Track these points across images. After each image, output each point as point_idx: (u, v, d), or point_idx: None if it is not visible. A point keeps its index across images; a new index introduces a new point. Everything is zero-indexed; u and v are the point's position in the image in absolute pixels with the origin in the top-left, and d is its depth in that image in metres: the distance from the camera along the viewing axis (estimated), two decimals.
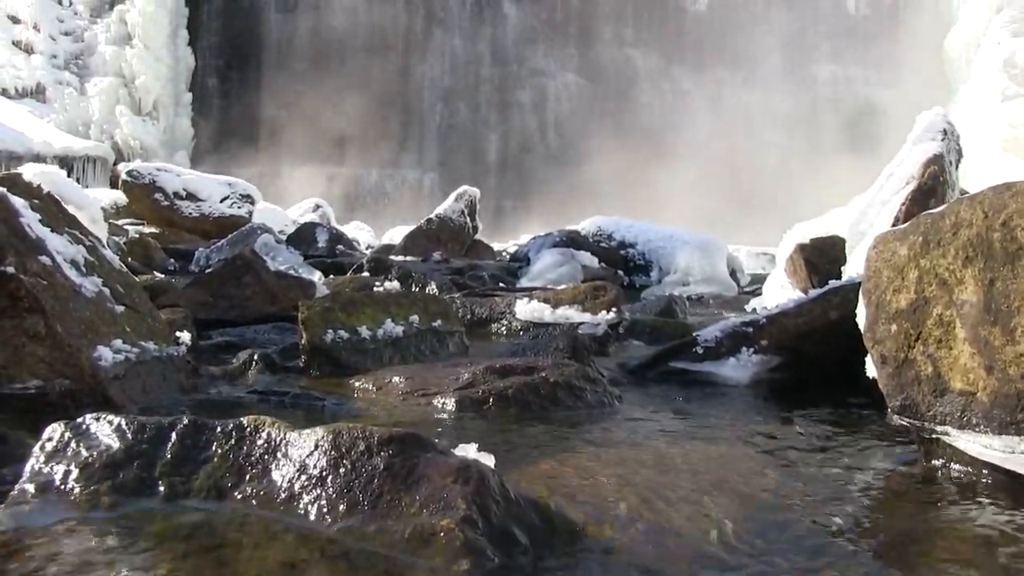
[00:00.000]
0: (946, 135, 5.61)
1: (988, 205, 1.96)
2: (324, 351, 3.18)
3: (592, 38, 28.27)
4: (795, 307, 3.49)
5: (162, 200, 12.79)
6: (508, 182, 26.11)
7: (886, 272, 2.13)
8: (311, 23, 28.46)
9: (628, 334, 4.42)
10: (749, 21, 27.82)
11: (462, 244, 10.94)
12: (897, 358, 2.08)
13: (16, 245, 2.52)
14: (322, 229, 10.91)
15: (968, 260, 1.96)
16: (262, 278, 4.51)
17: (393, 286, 5.68)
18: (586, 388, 2.72)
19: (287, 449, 1.49)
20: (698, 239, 8.17)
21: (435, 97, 28.23)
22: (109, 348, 2.60)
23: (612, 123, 26.74)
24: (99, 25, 27.24)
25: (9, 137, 21.96)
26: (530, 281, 7.32)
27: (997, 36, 23.79)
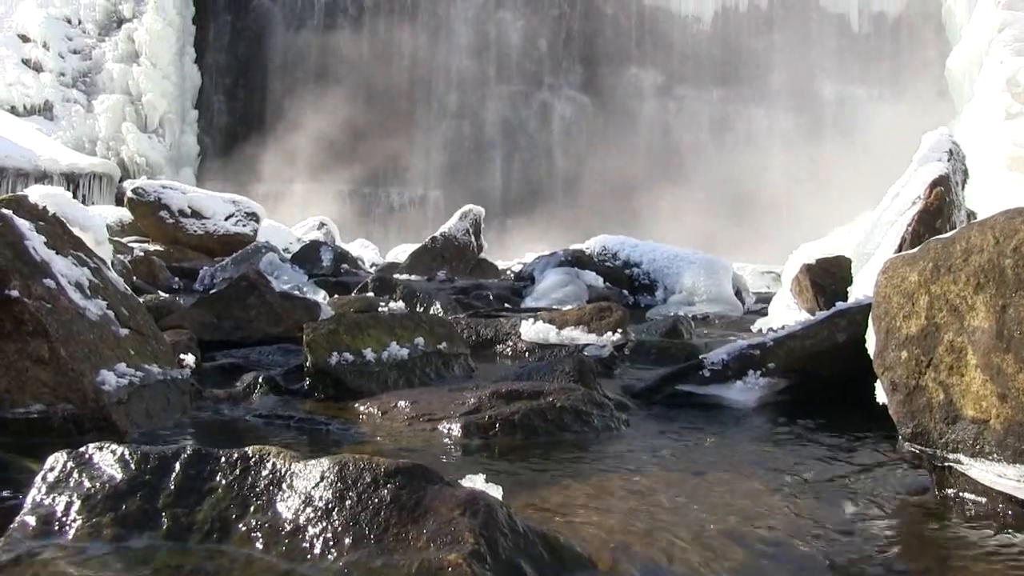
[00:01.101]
0: (952, 155, 5.60)
1: (999, 231, 1.94)
2: (329, 374, 3.16)
3: (597, 57, 28.37)
4: (802, 329, 3.47)
5: (167, 218, 12.82)
6: (513, 201, 26.15)
7: (896, 298, 2.11)
8: (317, 42, 28.61)
9: (634, 355, 4.40)
10: (753, 40, 27.91)
11: (467, 263, 10.93)
12: (908, 385, 2.06)
13: (21, 268, 2.51)
14: (327, 248, 10.90)
15: (979, 286, 1.94)
16: (267, 299, 4.50)
17: (398, 306, 5.67)
18: (593, 413, 2.70)
19: (292, 480, 1.47)
20: (703, 259, 8.15)
21: (440, 116, 28.33)
22: (113, 372, 2.59)
23: (617, 142, 26.79)
24: (107, 43, 27.41)
25: (16, 154, 22.05)
26: (535, 300, 7.30)
27: (999, 55, 23.83)
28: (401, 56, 28.68)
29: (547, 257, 9.00)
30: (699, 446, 2.62)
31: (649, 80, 27.96)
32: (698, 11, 28.68)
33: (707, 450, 2.57)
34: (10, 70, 26.46)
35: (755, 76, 27.52)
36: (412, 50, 28.77)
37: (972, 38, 24.88)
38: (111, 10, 27.86)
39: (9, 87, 26.10)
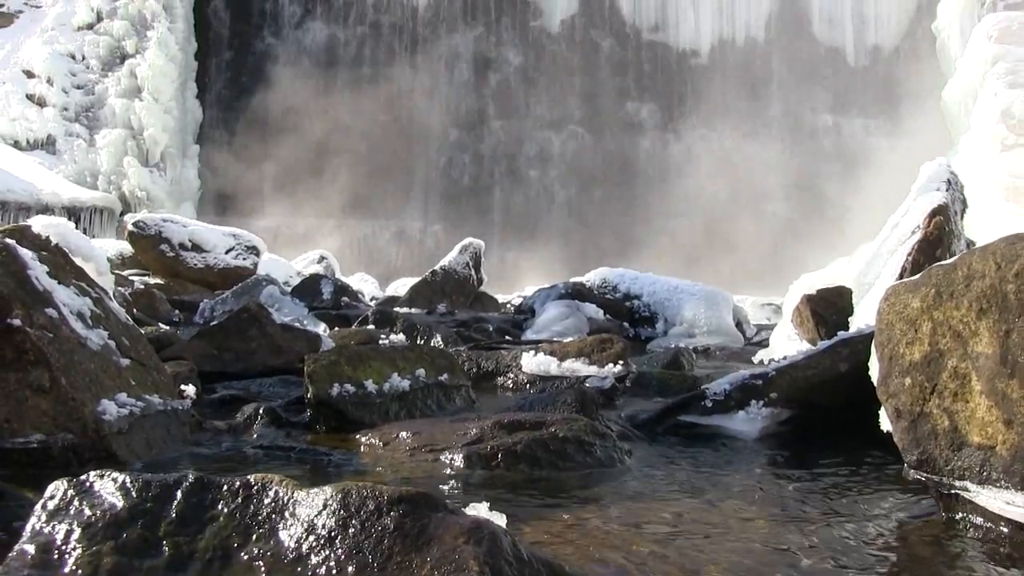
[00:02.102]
0: (950, 185, 5.62)
1: (1000, 256, 1.94)
2: (330, 405, 3.15)
3: (595, 91, 28.58)
4: (804, 359, 3.46)
5: (168, 251, 12.84)
6: (513, 234, 26.20)
7: (899, 325, 2.11)
8: (318, 77, 28.83)
9: (635, 387, 4.38)
10: (750, 73, 28.15)
11: (467, 296, 10.93)
12: (912, 412, 2.05)
13: (23, 298, 2.51)
14: (327, 281, 10.90)
15: (982, 312, 1.94)
16: (267, 331, 4.49)
17: (399, 339, 5.66)
18: (595, 443, 2.68)
19: (295, 508, 1.46)
20: (703, 290, 8.15)
21: (440, 150, 28.48)
22: (113, 402, 2.58)
23: (615, 175, 26.92)
24: (110, 79, 27.63)
25: (19, 188, 22.15)
26: (535, 333, 7.29)
27: (993, 88, 24.04)
28: (401, 91, 28.90)
29: (547, 290, 8.99)
30: (702, 476, 2.60)
31: (647, 113, 28.15)
32: (695, 44, 28.95)
33: (710, 480, 2.55)
34: (14, 105, 26.65)
35: (753, 108, 27.73)
36: (411, 85, 28.99)
37: (966, 71, 25.10)
38: (115, 46, 28.12)
39: (13, 122, 26.27)
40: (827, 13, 29.12)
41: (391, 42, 29.43)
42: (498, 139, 28.43)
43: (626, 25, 29.09)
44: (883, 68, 28.29)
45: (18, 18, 28.82)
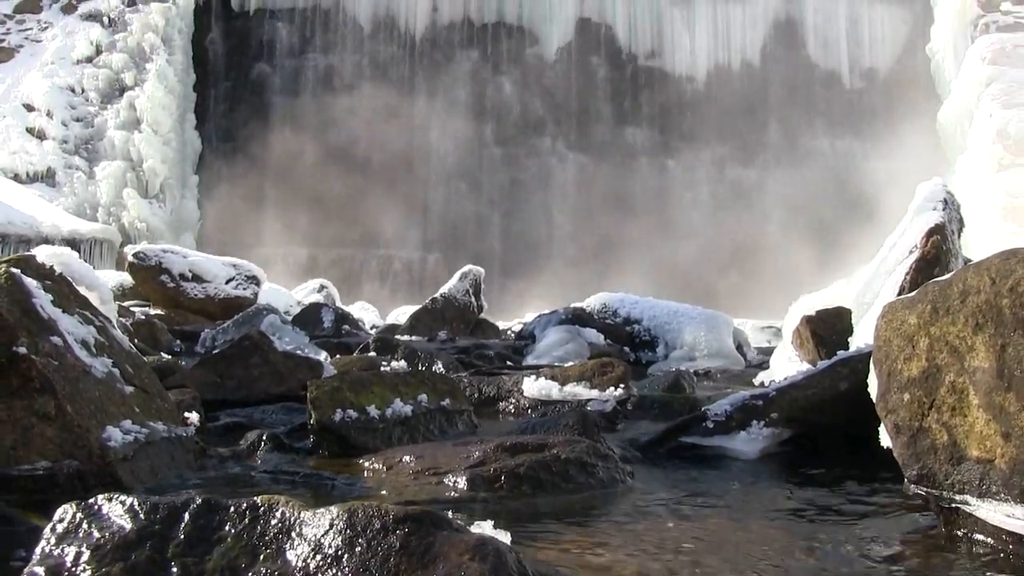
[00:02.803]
0: (947, 204, 5.65)
1: (995, 271, 1.97)
2: (333, 431, 3.16)
3: (593, 117, 28.76)
4: (804, 379, 3.48)
5: (168, 282, 12.86)
6: (512, 261, 26.26)
7: (896, 341, 2.13)
8: (316, 106, 29.02)
9: (637, 410, 4.39)
10: (746, 98, 28.34)
11: (467, 323, 10.94)
12: (911, 427, 2.07)
13: (28, 326, 2.54)
14: (327, 309, 10.92)
15: (978, 327, 1.96)
16: (269, 358, 4.51)
17: (400, 365, 5.67)
18: (598, 465, 2.69)
19: (301, 528, 1.48)
20: (703, 314, 8.16)
21: (439, 177, 28.61)
22: (118, 429, 2.59)
23: (614, 200, 27.02)
24: (109, 111, 27.81)
25: (19, 220, 22.24)
26: (536, 359, 7.30)
27: (989, 108, 24.22)
28: (399, 119, 29.07)
29: (547, 315, 9.01)
30: (705, 497, 2.62)
31: (645, 138, 28.32)
32: (692, 70, 29.15)
33: (712, 500, 2.56)
34: (14, 139, 26.81)
35: (750, 132, 27.89)
36: (410, 113, 29.17)
37: (961, 92, 25.30)
38: (114, 79, 28.32)
39: (13, 155, 26.42)
40: (822, 37, 29.37)
41: (389, 71, 29.65)
42: (496, 166, 28.57)
43: (622, 51, 29.33)
44: (879, 90, 28.49)
45: (19, 52, 29.06)
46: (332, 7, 30.12)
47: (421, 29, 29.88)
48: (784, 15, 29.70)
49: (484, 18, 29.86)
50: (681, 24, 29.48)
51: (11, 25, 29.47)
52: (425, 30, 29.89)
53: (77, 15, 29.40)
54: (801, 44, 29.36)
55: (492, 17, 29.74)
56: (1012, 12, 25.95)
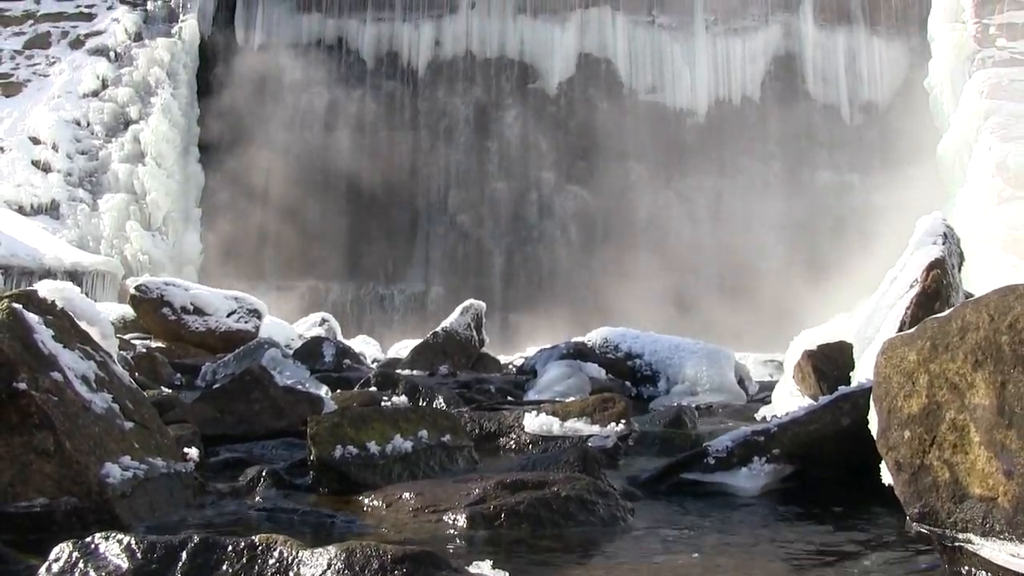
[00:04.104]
0: (946, 238, 5.66)
1: (993, 308, 1.97)
2: (333, 467, 3.15)
3: (594, 151, 28.91)
4: (805, 415, 3.47)
5: (169, 315, 12.85)
6: (514, 295, 26.27)
7: (896, 378, 2.12)
8: (319, 141, 29.21)
9: (638, 446, 4.37)
10: (746, 131, 28.52)
11: (469, 357, 10.91)
12: (912, 464, 2.06)
13: (29, 361, 2.54)
14: (328, 343, 10.91)
15: (978, 364, 1.96)
16: (270, 393, 4.50)
17: (401, 400, 5.66)
18: (598, 502, 2.68)
19: (299, 568, 1.47)
20: (705, 349, 8.14)
21: (441, 212, 28.69)
22: (117, 465, 2.59)
23: (616, 233, 27.09)
24: (113, 144, 27.99)
25: (22, 252, 22.31)
26: (537, 394, 7.28)
27: (987, 142, 24.38)
28: (401, 153, 29.24)
29: (549, 350, 8.99)
30: (706, 534, 2.60)
31: (646, 173, 28.44)
32: (692, 105, 29.34)
33: (714, 537, 2.54)
34: (20, 171, 26.98)
35: (750, 166, 28.02)
36: (412, 148, 29.34)
37: (960, 126, 25.45)
38: (119, 112, 28.54)
39: (18, 187, 26.57)
40: (821, 71, 29.60)
41: (391, 105, 29.87)
42: (498, 200, 28.68)
43: (623, 86, 29.55)
44: (878, 124, 28.66)
45: (26, 87, 29.33)
46: (335, 42, 30.41)
47: (423, 63, 30.14)
48: (783, 50, 29.96)
49: (486, 53, 30.12)
50: (681, 59, 29.73)
51: (20, 60, 29.78)
52: (427, 64, 30.15)
53: (84, 50, 29.71)
54: (801, 79, 29.59)
55: (494, 52, 30.01)
56: (1008, 48, 26.17)
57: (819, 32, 29.57)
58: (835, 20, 29.62)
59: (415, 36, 30.29)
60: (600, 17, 30.14)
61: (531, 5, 30.32)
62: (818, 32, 29.56)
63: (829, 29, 29.56)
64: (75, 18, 30.36)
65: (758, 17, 30.26)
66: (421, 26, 30.20)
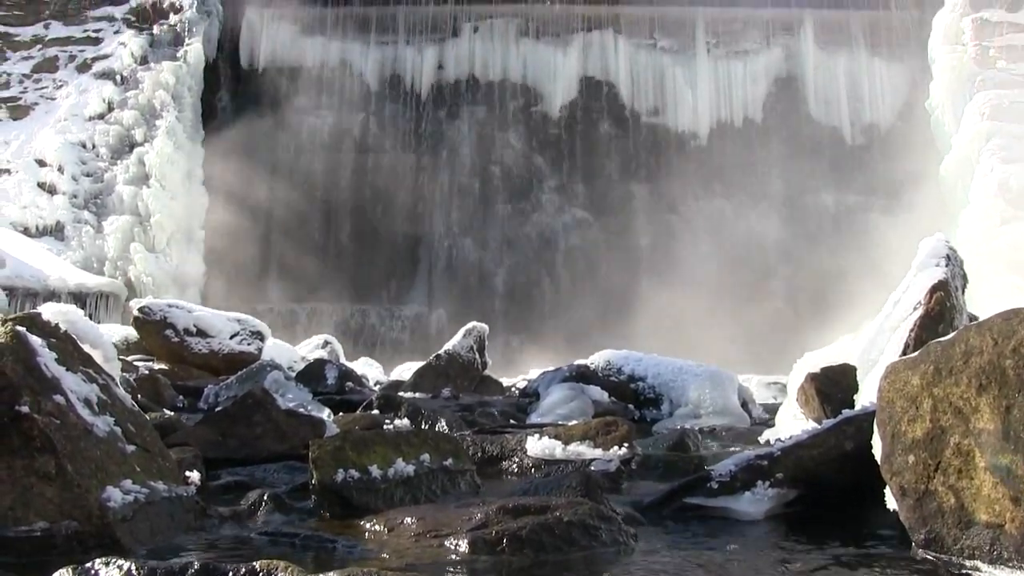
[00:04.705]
0: (950, 260, 5.66)
1: (997, 332, 1.96)
2: (335, 491, 3.14)
3: (597, 174, 28.96)
4: (809, 438, 3.46)
5: (172, 336, 12.85)
6: (516, 317, 26.24)
7: (899, 402, 2.12)
8: (322, 165, 29.32)
9: (641, 469, 4.35)
10: (749, 153, 28.59)
11: (471, 380, 10.88)
12: (917, 489, 2.05)
13: (32, 384, 2.54)
14: (331, 366, 10.89)
15: (982, 388, 1.95)
16: (272, 416, 4.49)
17: (403, 423, 5.64)
18: (601, 527, 2.67)
19: None
20: (708, 371, 8.12)
21: (443, 233, 28.73)
22: (118, 489, 2.58)
23: (618, 256, 27.09)
24: (119, 166, 28.10)
25: (27, 274, 22.33)
26: (540, 417, 7.25)
27: (989, 163, 24.42)
28: (404, 176, 29.31)
29: (551, 373, 8.97)
30: (710, 559, 2.58)
31: (649, 194, 28.49)
32: (694, 127, 29.42)
33: (718, 563, 2.53)
34: (26, 193, 27.09)
35: (753, 188, 28.05)
36: (415, 170, 29.42)
37: (962, 147, 25.50)
38: (124, 135, 28.67)
39: (24, 209, 26.66)
40: (823, 94, 29.69)
41: (395, 127, 29.98)
42: (501, 222, 28.73)
43: (625, 109, 29.65)
44: (880, 146, 28.69)
45: (33, 110, 29.52)
46: (339, 65, 30.57)
47: (427, 86, 30.29)
48: (785, 72, 30.07)
49: (489, 76, 30.26)
50: (683, 82, 29.84)
51: (28, 84, 30.00)
52: (431, 87, 30.30)
53: (91, 74, 29.90)
54: (802, 100, 29.67)
55: (497, 75, 30.14)
56: (1008, 70, 26.26)
57: (820, 54, 29.68)
58: (836, 42, 29.74)
59: (418, 59, 30.45)
60: (602, 40, 30.30)
61: (533, 29, 30.50)
62: (819, 54, 29.68)
63: (830, 51, 29.67)
64: (82, 42, 30.58)
65: (759, 40, 30.40)
66: (424, 50, 30.36)
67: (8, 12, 30.63)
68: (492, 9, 30.58)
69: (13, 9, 30.71)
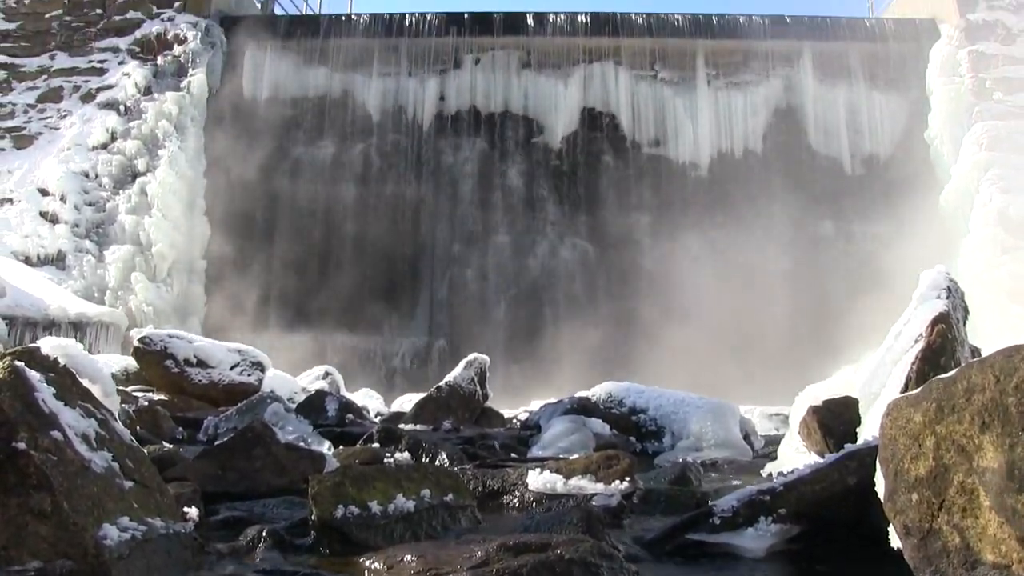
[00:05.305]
0: (950, 292, 5.67)
1: (999, 369, 1.95)
2: (334, 527, 3.12)
3: (598, 204, 29.03)
4: (811, 473, 3.44)
5: (173, 367, 12.81)
6: (518, 348, 26.17)
7: (902, 440, 2.10)
8: (323, 195, 29.41)
9: (643, 504, 4.32)
10: (750, 184, 28.64)
11: (472, 411, 10.83)
12: (921, 528, 2.03)
13: (30, 420, 2.53)
14: (331, 398, 10.85)
15: (985, 425, 1.94)
16: (272, 450, 4.47)
17: (404, 457, 5.62)
18: (602, 565, 2.64)
19: None
20: (710, 403, 8.09)
21: (444, 265, 28.76)
22: (115, 526, 2.56)
23: (620, 287, 27.07)
24: (121, 196, 28.18)
25: (27, 303, 22.30)
26: (541, 450, 7.22)
27: (988, 193, 24.52)
28: (406, 206, 29.38)
29: (553, 405, 8.94)
30: None
31: (650, 225, 28.53)
32: (695, 158, 29.52)
33: None
34: (28, 222, 27.14)
35: (753, 218, 28.08)
36: (416, 200, 29.50)
37: (961, 177, 25.63)
38: (127, 164, 28.79)
39: (25, 238, 26.71)
40: (822, 124, 29.80)
41: (396, 158, 30.10)
42: (502, 253, 28.76)
43: (626, 140, 29.77)
44: (879, 176, 28.75)
45: (37, 140, 29.70)
46: (341, 96, 30.76)
47: (428, 118, 30.44)
48: (785, 103, 30.23)
49: (490, 107, 30.42)
50: (684, 113, 30.00)
51: (33, 114, 30.21)
52: (432, 118, 30.46)
53: (95, 104, 30.09)
54: (802, 131, 29.79)
55: (499, 107, 30.30)
56: (1004, 101, 26.45)
57: (819, 86, 29.85)
58: (835, 74, 29.93)
59: (420, 91, 30.63)
60: (603, 72, 30.49)
61: (535, 60, 30.72)
62: (818, 86, 29.84)
63: (829, 83, 29.85)
64: (87, 73, 30.83)
65: (759, 71, 30.60)
66: (426, 81, 30.56)
67: (15, 44, 30.91)
68: (494, 41, 30.84)
69: (20, 40, 31.01)
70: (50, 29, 30.89)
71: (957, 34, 27.39)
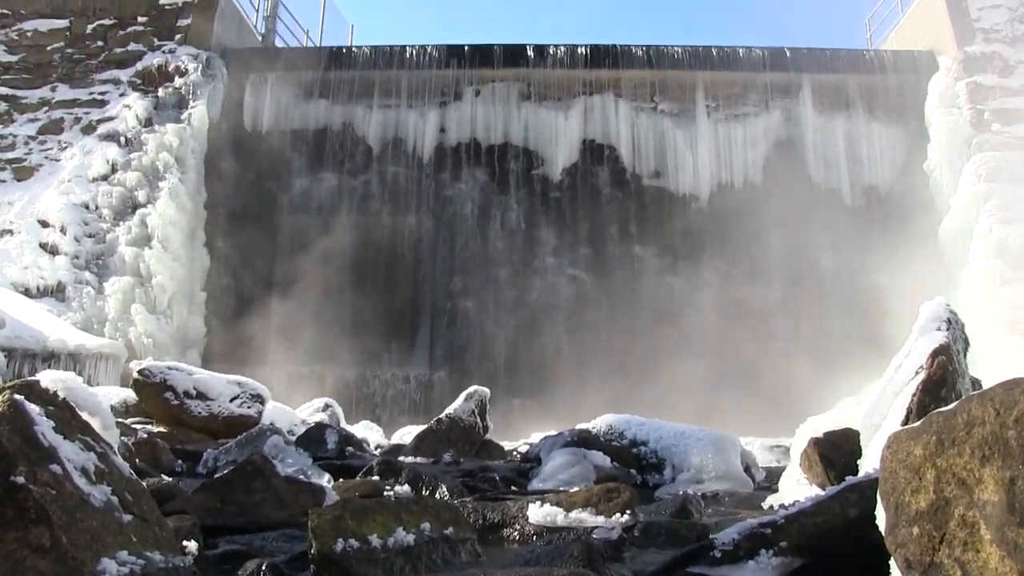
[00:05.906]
0: (951, 324, 5.67)
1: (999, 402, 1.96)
2: (334, 561, 3.10)
3: (598, 237, 29.10)
4: (812, 505, 3.43)
5: (172, 399, 12.78)
6: (518, 380, 26.13)
7: (903, 473, 2.10)
8: (324, 225, 29.48)
9: (643, 536, 4.31)
10: (750, 215, 28.72)
11: (473, 444, 10.79)
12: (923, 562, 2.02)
13: (28, 454, 2.53)
14: (331, 430, 10.82)
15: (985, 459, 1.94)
16: (272, 483, 4.46)
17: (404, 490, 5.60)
18: None
19: None
20: (710, 435, 8.07)
21: (444, 296, 28.78)
22: (114, 560, 2.55)
23: (620, 319, 27.05)
24: (121, 227, 28.24)
25: (26, 335, 22.26)
26: (542, 482, 7.19)
27: (988, 223, 24.60)
28: (406, 239, 29.46)
29: (553, 437, 8.92)
30: None
31: (650, 257, 28.58)
32: (695, 190, 29.63)
33: None
34: (27, 254, 27.19)
35: (753, 249, 28.14)
36: (417, 233, 29.58)
37: (960, 208, 25.72)
38: (127, 196, 28.89)
39: (25, 270, 26.73)
40: (822, 156, 29.94)
41: (396, 190, 30.22)
42: (502, 285, 28.78)
43: (626, 171, 29.89)
44: (880, 207, 28.84)
45: (38, 171, 29.83)
46: (341, 128, 30.94)
47: (429, 149, 30.60)
48: (784, 135, 30.38)
49: (491, 139, 30.58)
50: (684, 144, 30.15)
51: (33, 146, 30.38)
52: (433, 150, 30.61)
53: (96, 135, 30.24)
54: (801, 163, 29.90)
55: (499, 138, 30.47)
56: (1003, 132, 26.63)
57: (819, 117, 30.02)
58: (834, 106, 30.12)
59: (420, 123, 30.82)
60: (603, 104, 30.70)
61: (535, 92, 30.93)
62: (818, 117, 30.02)
63: (828, 114, 30.04)
64: (88, 104, 31.04)
65: (758, 103, 30.79)
66: (426, 113, 30.75)
67: (16, 75, 31.17)
68: (494, 73, 31.09)
69: (22, 72, 31.27)
70: (51, 61, 31.15)
71: (955, 66, 27.65)
